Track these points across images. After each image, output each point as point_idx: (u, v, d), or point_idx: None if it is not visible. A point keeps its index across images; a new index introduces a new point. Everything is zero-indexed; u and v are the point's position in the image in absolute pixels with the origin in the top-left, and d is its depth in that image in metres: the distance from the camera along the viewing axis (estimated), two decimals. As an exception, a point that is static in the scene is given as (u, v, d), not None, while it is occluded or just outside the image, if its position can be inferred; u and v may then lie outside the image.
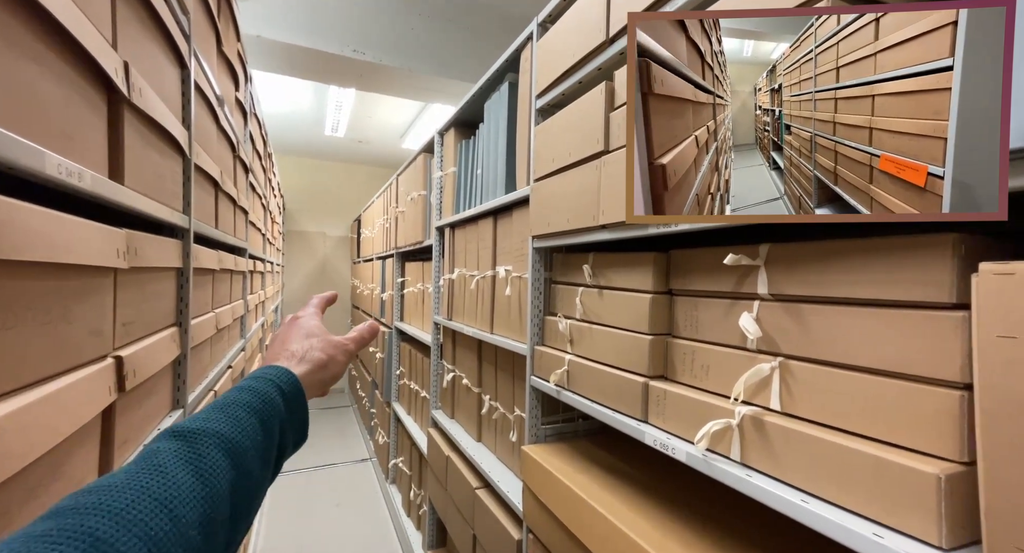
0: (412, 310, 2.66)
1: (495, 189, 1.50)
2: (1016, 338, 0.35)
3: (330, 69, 2.29)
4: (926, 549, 0.43)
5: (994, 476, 0.36)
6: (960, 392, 0.43)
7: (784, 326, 0.63)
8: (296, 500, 2.80)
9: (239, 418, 0.35)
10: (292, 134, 4.36)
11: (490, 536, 1.36)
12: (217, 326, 1.15)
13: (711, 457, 0.67)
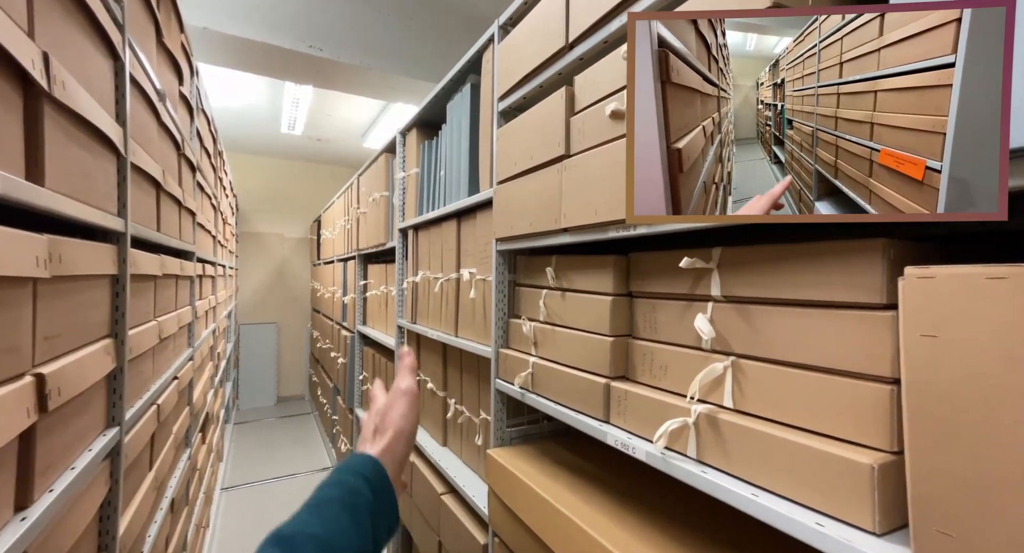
0: (375, 313, 2.60)
1: (458, 191, 1.49)
2: (936, 337, 0.37)
3: (284, 65, 2.20)
4: (862, 535, 0.45)
5: (918, 465, 0.39)
6: (890, 386, 0.46)
7: (735, 326, 0.66)
8: (251, 516, 2.67)
9: (331, 516, 0.38)
10: (246, 131, 4.16)
11: (455, 542, 1.34)
12: (160, 335, 1.08)
13: (669, 455, 0.69)
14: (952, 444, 0.36)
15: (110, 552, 0.76)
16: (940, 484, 0.37)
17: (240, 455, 3.61)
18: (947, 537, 0.37)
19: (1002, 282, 0.34)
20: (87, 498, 0.65)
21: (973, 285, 0.35)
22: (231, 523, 2.57)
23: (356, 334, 2.82)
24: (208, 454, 2.24)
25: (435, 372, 1.72)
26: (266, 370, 5.02)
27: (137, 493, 0.94)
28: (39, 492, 0.52)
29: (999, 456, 0.34)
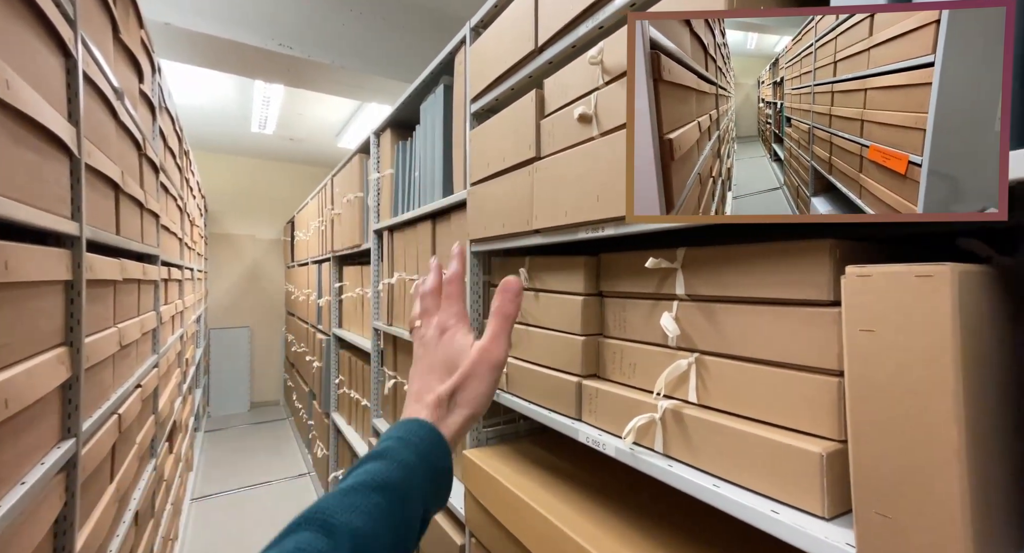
0: (351, 316, 2.56)
1: (432, 192, 1.48)
2: (874, 331, 0.40)
3: (253, 63, 2.14)
4: (812, 520, 0.48)
5: (859, 452, 0.41)
6: (837, 379, 0.49)
7: (699, 324, 0.68)
8: (225, 525, 2.59)
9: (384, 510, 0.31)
10: (214, 130, 4.03)
11: (433, 545, 1.34)
12: (121, 342, 1.04)
13: (638, 450, 0.71)
14: (888, 432, 0.39)
15: (67, 569, 0.73)
16: (878, 470, 0.40)
17: (211, 464, 3.50)
18: (885, 519, 0.39)
19: (928, 280, 0.36)
20: (40, 514, 0.63)
21: (903, 283, 0.38)
22: (201, 534, 2.49)
23: (332, 337, 2.78)
24: (176, 464, 2.17)
25: (412, 374, 1.70)
26: (239, 375, 4.88)
27: (97, 507, 0.90)
28: (-14, 509, 0.50)
29: (927, 443, 0.36)
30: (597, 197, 0.76)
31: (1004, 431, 0.39)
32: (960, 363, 0.35)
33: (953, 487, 0.35)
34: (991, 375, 0.38)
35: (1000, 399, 0.39)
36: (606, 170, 0.74)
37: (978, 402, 0.36)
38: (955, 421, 0.35)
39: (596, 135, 0.77)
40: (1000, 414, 0.39)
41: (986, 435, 0.37)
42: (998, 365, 0.39)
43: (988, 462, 0.37)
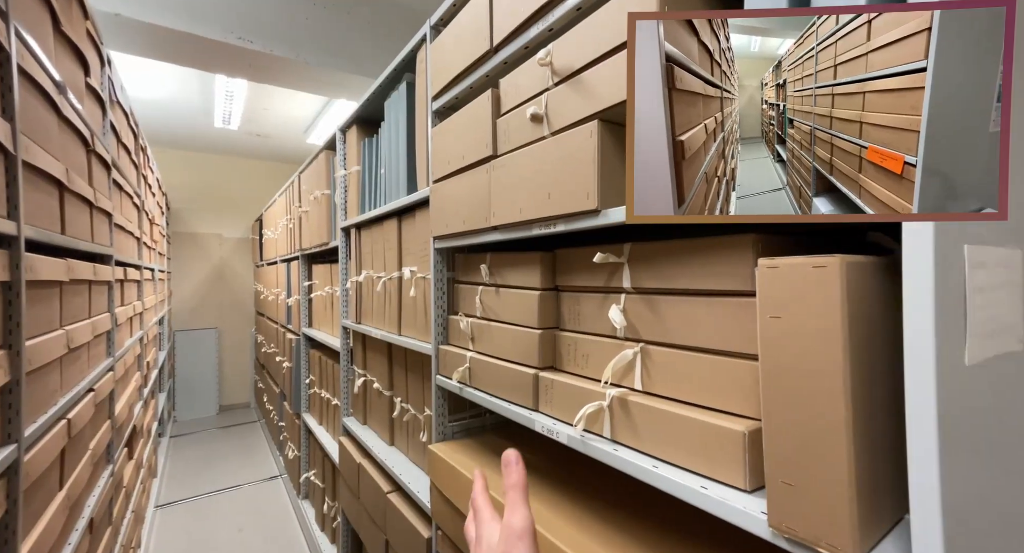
0: (321, 315, 2.53)
1: (398, 189, 1.48)
2: (781, 318, 0.43)
3: (212, 57, 2.08)
4: (736, 493, 0.51)
5: (768, 427, 0.45)
6: (756, 363, 0.53)
7: (644, 316, 0.72)
8: (191, 532, 2.53)
9: None
10: (175, 125, 3.89)
11: (401, 538, 1.35)
12: (69, 345, 1.01)
13: (588, 437, 0.74)
14: (791, 409, 0.43)
15: (10, 577, 0.71)
16: (784, 443, 0.43)
17: (177, 469, 3.40)
18: (789, 487, 0.43)
19: (822, 270, 0.40)
20: (-22, 520, 0.61)
21: (804, 273, 0.41)
22: (166, 542, 2.42)
23: (302, 337, 2.73)
24: (137, 470, 2.10)
25: (381, 372, 1.70)
26: (206, 378, 4.74)
27: (44, 514, 0.88)
28: (-85, 516, 0.49)
29: (820, 417, 0.40)
30: (548, 195, 0.79)
31: (886, 407, 0.43)
32: (848, 344, 0.39)
33: (841, 455, 0.39)
34: (876, 355, 0.42)
35: (883, 378, 0.43)
36: (556, 169, 0.77)
37: (864, 380, 0.40)
38: (843, 396, 0.39)
39: (547, 135, 0.79)
40: (883, 391, 0.43)
41: (871, 410, 0.41)
42: (882, 346, 0.43)
43: (872, 434, 0.41)
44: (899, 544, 0.41)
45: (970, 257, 0.38)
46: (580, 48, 0.71)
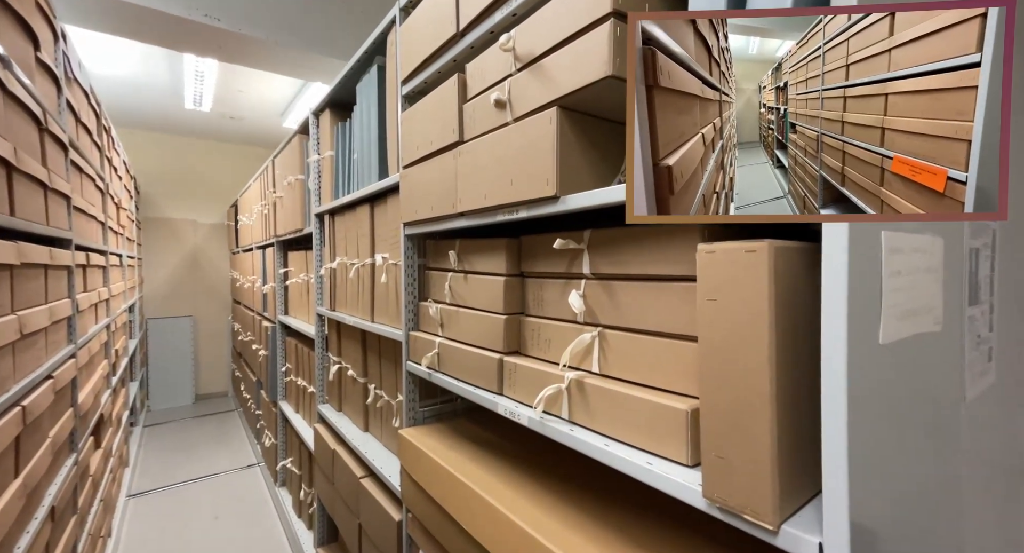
0: (296, 302, 2.50)
1: (370, 175, 1.46)
2: (716, 300, 0.45)
3: (177, 35, 2.00)
4: (678, 468, 0.54)
5: (704, 404, 0.47)
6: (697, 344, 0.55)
7: (601, 300, 0.73)
8: (165, 520, 2.50)
9: None
10: (143, 105, 3.74)
11: (374, 522, 1.36)
12: (21, 331, 0.98)
13: (547, 418, 0.76)
14: (723, 386, 0.45)
15: (-38, 563, 0.70)
16: (717, 419, 0.46)
17: (151, 459, 3.35)
18: (721, 460, 0.45)
19: (752, 254, 0.42)
20: (-78, 505, 0.60)
21: (736, 257, 0.43)
22: (139, 531, 2.40)
23: (277, 324, 2.70)
24: (106, 459, 2.06)
25: (355, 359, 1.70)
26: (181, 367, 4.65)
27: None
28: None
29: (746, 393, 0.42)
30: (511, 181, 0.79)
31: (809, 386, 0.45)
32: (774, 325, 0.41)
33: (765, 429, 0.41)
34: (802, 336, 0.44)
35: (808, 358, 0.45)
36: (518, 155, 0.77)
37: (788, 359, 0.42)
38: (768, 373, 0.41)
39: (510, 120, 0.80)
40: (807, 371, 0.45)
41: (795, 388, 0.43)
42: (808, 328, 0.45)
43: (796, 411, 0.43)
44: (815, 513, 0.44)
45: (887, 242, 0.41)
46: (541, 34, 0.71)
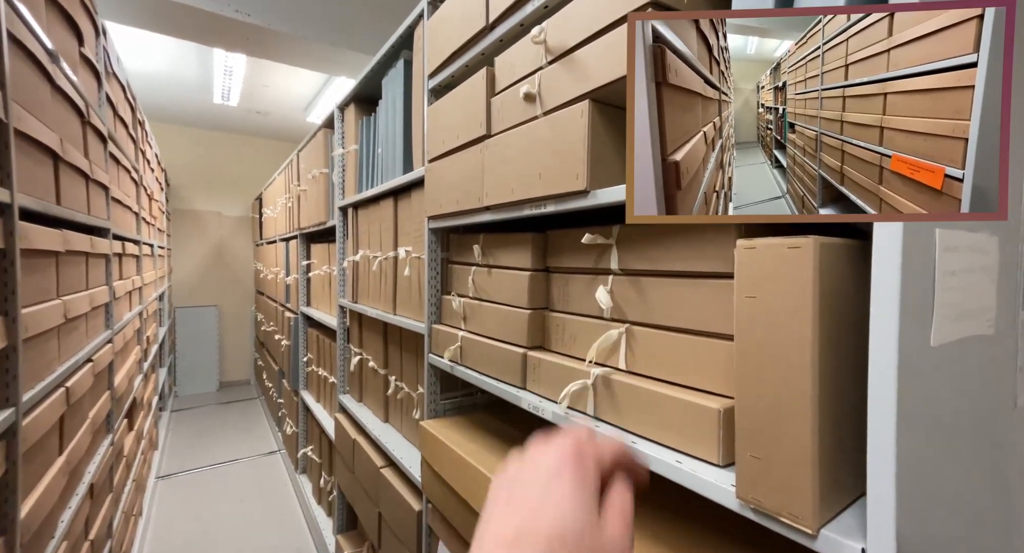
0: (319, 294, 2.54)
1: (394, 169, 1.48)
2: (755, 297, 0.44)
3: (209, 29, 2.05)
4: (709, 467, 0.53)
5: (740, 403, 0.46)
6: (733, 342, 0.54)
7: (630, 296, 0.72)
8: (191, 501, 2.60)
9: None
10: (174, 100, 3.84)
11: (394, 512, 1.39)
12: (66, 315, 1.02)
13: (572, 414, 0.75)
14: (761, 385, 0.44)
15: (10, 536, 0.74)
16: (753, 418, 0.44)
17: (178, 443, 3.47)
18: (756, 460, 0.44)
19: (796, 250, 0.41)
20: (-23, 479, 0.63)
21: (779, 253, 0.42)
22: (167, 511, 2.49)
23: (300, 316, 2.76)
24: (137, 441, 2.15)
25: (377, 350, 1.72)
26: (207, 355, 4.79)
27: (44, 478, 0.91)
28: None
29: (786, 392, 0.41)
30: (539, 175, 0.79)
31: (853, 386, 0.44)
32: (818, 323, 0.40)
33: (806, 430, 0.40)
34: (846, 336, 0.43)
35: (852, 358, 0.44)
36: (547, 149, 0.76)
37: (832, 358, 0.41)
38: (810, 373, 0.40)
39: (539, 114, 0.79)
40: (851, 371, 0.44)
41: (838, 388, 0.42)
42: (853, 327, 0.43)
43: (838, 412, 0.42)
44: (857, 517, 0.42)
45: (941, 241, 0.39)
46: (573, 26, 0.70)
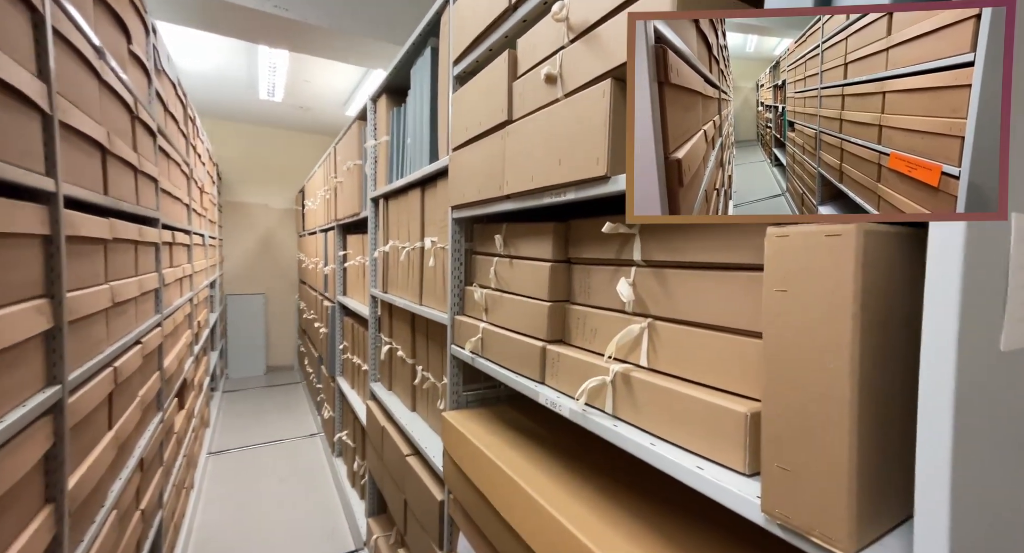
0: (354, 284, 2.61)
1: (421, 159, 1.47)
2: (787, 291, 0.39)
3: (252, 26, 2.12)
4: (733, 475, 0.48)
5: (769, 409, 0.41)
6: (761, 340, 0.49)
7: (653, 289, 0.68)
8: (239, 477, 2.76)
9: None
10: (223, 97, 4.04)
11: (418, 499, 1.40)
12: (114, 299, 1.09)
13: (589, 411, 0.72)
14: (791, 389, 0.39)
15: (58, 503, 0.79)
16: (783, 424, 0.40)
17: (228, 422, 3.69)
18: (785, 472, 0.39)
19: (836, 238, 0.35)
20: (22, 450, 0.68)
21: (815, 241, 0.37)
22: (217, 485, 2.66)
23: (336, 304, 2.84)
24: (188, 419, 2.29)
25: (405, 340, 1.74)
26: (254, 340, 5.07)
27: (93, 451, 0.97)
28: (-37, 440, 0.55)
29: (819, 398, 0.36)
30: (559, 161, 0.75)
31: (904, 395, 0.38)
32: (859, 322, 0.34)
33: (843, 441, 0.35)
34: (895, 337, 0.37)
35: (903, 363, 0.38)
36: (567, 133, 0.72)
37: (876, 362, 0.35)
38: (848, 377, 0.34)
39: (560, 96, 0.75)
40: (901, 378, 0.38)
41: (882, 396, 0.36)
42: (899, 325, 0.38)
43: (883, 423, 0.37)
44: (902, 543, 0.37)
45: (1019, 228, 0.32)
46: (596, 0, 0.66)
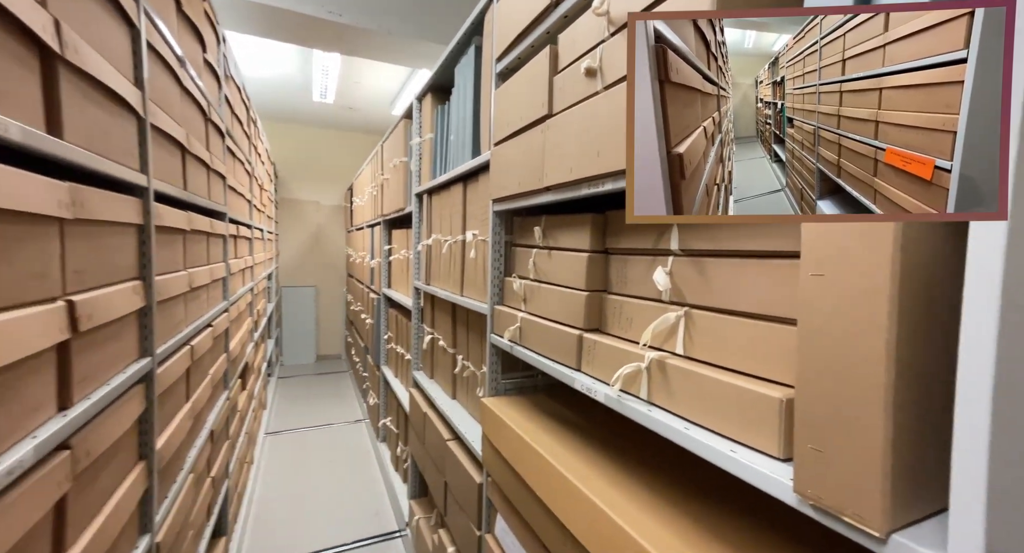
0: (398, 276, 2.72)
1: (463, 154, 1.52)
2: (823, 276, 0.39)
3: (309, 32, 2.25)
4: (766, 459, 0.49)
5: (802, 392, 0.42)
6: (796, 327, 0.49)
7: (690, 278, 0.68)
8: (293, 457, 2.96)
9: None
10: (280, 100, 4.30)
11: (458, 482, 1.46)
12: (191, 284, 1.21)
13: (624, 397, 0.73)
14: (826, 373, 0.39)
15: (149, 460, 0.90)
16: (816, 407, 0.40)
17: (283, 405, 3.95)
18: (818, 453, 0.40)
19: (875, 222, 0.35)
20: (123, 411, 0.78)
21: (852, 225, 0.37)
22: (274, 462, 2.87)
23: (382, 296, 2.97)
24: (249, 400, 2.48)
25: (446, 330, 1.81)
26: (306, 330, 5.38)
27: (174, 419, 1.09)
28: (78, 398, 0.64)
29: (855, 381, 0.36)
30: (598, 153, 0.76)
31: (937, 378, 0.37)
32: (896, 306, 0.34)
33: (877, 422, 0.35)
34: (929, 319, 0.36)
35: (937, 345, 0.37)
36: (606, 125, 0.74)
37: (914, 346, 0.35)
38: (884, 361, 0.35)
39: (600, 89, 0.76)
40: (935, 360, 0.37)
41: (920, 380, 0.36)
42: (940, 310, 0.37)
43: (922, 408, 0.36)
44: (933, 530, 0.37)
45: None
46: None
